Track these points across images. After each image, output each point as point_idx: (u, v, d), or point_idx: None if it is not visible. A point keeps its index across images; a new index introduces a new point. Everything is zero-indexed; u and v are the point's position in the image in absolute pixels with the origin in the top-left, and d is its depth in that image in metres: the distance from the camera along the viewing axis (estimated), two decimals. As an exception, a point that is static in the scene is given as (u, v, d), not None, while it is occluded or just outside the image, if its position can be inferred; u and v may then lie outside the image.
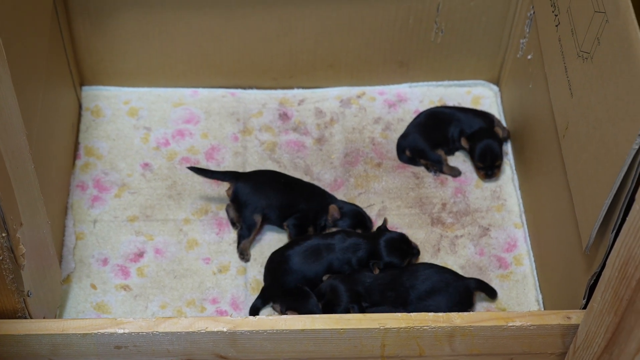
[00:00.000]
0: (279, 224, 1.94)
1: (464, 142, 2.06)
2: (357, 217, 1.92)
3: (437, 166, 2.05)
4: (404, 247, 1.83)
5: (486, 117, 2.09)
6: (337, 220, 1.90)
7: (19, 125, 1.43)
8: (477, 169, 2.05)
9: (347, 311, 1.76)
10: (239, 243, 1.92)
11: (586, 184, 1.54)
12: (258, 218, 1.91)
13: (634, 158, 1.36)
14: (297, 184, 1.97)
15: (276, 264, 1.86)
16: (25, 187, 1.47)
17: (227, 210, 1.98)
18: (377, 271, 1.80)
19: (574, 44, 1.61)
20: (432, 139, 2.06)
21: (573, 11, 1.62)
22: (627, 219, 1.26)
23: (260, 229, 1.95)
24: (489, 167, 2.03)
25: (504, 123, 2.14)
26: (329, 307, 1.77)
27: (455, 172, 2.06)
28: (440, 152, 2.06)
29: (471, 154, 2.05)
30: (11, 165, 1.38)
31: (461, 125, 2.07)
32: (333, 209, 1.90)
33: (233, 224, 1.96)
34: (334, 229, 1.91)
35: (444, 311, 1.59)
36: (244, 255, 1.91)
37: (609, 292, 1.36)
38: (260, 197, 1.91)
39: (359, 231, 1.90)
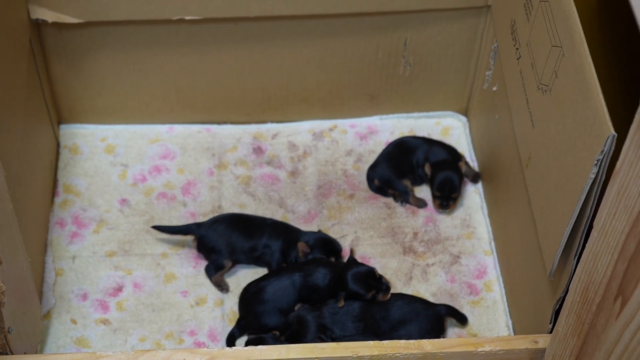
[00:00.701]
0: (251, 263, 1.98)
1: (427, 168, 2.07)
2: (326, 245, 1.94)
3: (404, 197, 2.08)
4: (370, 281, 1.83)
5: (453, 151, 2.12)
6: (308, 254, 1.93)
7: (-3, 166, 1.46)
8: (434, 197, 2.07)
9: (313, 342, 1.76)
10: (209, 278, 1.95)
11: (548, 212, 1.58)
12: (227, 263, 1.95)
13: (591, 187, 1.40)
14: (258, 222, 1.98)
15: (251, 295, 1.88)
16: (3, 226, 1.50)
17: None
18: (341, 303, 1.82)
19: (534, 77, 1.65)
20: (398, 169, 2.09)
21: (532, 45, 1.67)
22: (587, 245, 1.31)
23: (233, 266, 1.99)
24: (445, 198, 2.05)
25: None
26: (295, 338, 1.79)
27: (421, 204, 2.09)
28: (407, 183, 2.08)
29: (431, 182, 2.07)
30: (-10, 206, 1.41)
31: (426, 154, 2.10)
32: (301, 245, 1.92)
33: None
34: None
35: (416, 339, 1.62)
36: (221, 286, 1.94)
37: (572, 316, 1.40)
38: (225, 243, 1.94)
39: (332, 259, 1.94)
